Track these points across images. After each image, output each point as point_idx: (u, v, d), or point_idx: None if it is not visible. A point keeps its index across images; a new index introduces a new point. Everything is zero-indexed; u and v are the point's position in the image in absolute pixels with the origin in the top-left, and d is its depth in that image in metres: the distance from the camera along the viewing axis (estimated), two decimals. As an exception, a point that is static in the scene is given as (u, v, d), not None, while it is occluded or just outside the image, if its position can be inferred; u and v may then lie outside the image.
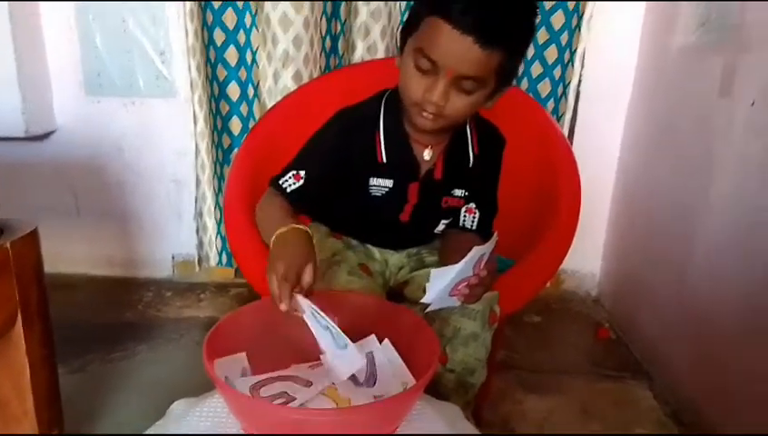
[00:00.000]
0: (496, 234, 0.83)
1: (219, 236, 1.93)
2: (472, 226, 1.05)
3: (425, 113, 0.89)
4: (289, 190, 0.97)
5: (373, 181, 0.99)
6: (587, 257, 1.97)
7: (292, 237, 0.83)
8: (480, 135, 1.03)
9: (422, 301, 0.84)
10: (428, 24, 0.83)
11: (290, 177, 0.97)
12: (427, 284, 0.82)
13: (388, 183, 0.99)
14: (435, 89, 0.85)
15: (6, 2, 1.68)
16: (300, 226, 0.84)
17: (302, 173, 0.97)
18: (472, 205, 1.05)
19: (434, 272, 0.81)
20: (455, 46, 0.81)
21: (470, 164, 1.02)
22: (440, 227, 1.06)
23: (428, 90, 0.86)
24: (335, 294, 0.91)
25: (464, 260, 0.79)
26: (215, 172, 1.86)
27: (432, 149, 0.99)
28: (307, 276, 0.77)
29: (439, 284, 0.81)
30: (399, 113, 0.97)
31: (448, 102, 0.86)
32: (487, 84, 0.87)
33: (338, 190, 1.01)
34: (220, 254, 1.95)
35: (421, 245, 1.13)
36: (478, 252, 0.80)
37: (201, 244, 1.94)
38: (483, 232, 1.05)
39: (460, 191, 1.03)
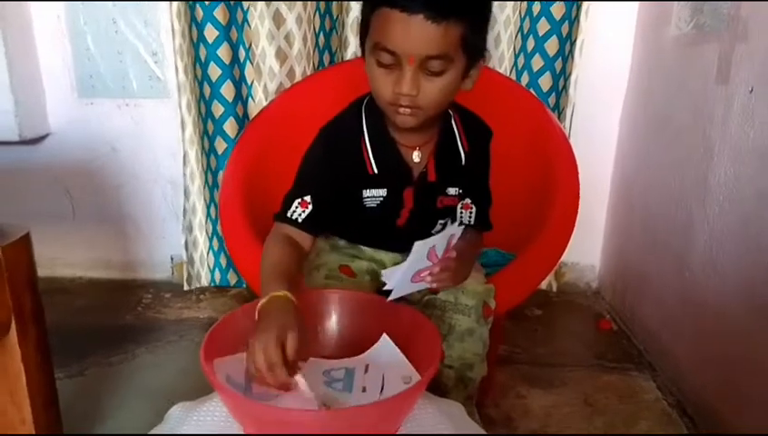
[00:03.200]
0: (456, 225, 0.83)
1: (211, 252, 1.89)
2: (470, 221, 1.04)
3: (401, 110, 0.86)
4: (300, 220, 0.93)
5: (366, 192, 0.96)
6: (587, 248, 1.96)
7: (273, 308, 0.77)
8: (467, 130, 1.01)
9: (384, 288, 0.84)
10: (377, 17, 0.82)
11: (296, 207, 0.93)
12: (382, 278, 0.82)
13: (382, 192, 0.97)
14: (403, 81, 0.82)
15: (-4, 6, 1.67)
16: (281, 293, 0.78)
17: (308, 198, 0.93)
18: (468, 201, 1.03)
19: (384, 273, 0.82)
20: (408, 29, 0.79)
21: (462, 162, 1.00)
22: (437, 227, 1.05)
23: (396, 84, 0.83)
24: (332, 293, 0.90)
25: (409, 257, 0.80)
26: (206, 181, 1.82)
27: (420, 150, 0.96)
28: (289, 347, 0.72)
29: (394, 280, 0.83)
30: (381, 118, 0.94)
31: (420, 91, 0.83)
32: (454, 62, 0.83)
33: (336, 204, 0.98)
34: (212, 272, 1.91)
35: None
36: (425, 245, 0.80)
37: (191, 261, 1.89)
38: (481, 225, 1.05)
39: (454, 189, 1.01)
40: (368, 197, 0.97)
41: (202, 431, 0.76)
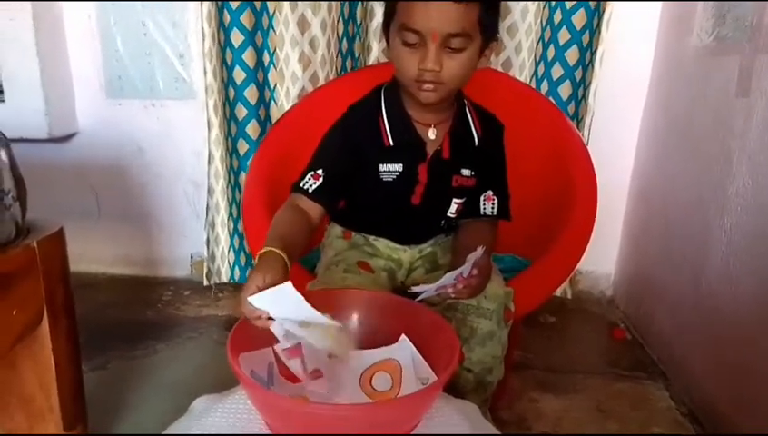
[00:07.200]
0: (480, 250, 0.87)
1: (231, 249, 1.91)
2: (493, 212, 1.08)
3: (425, 85, 0.93)
4: (311, 190, 0.99)
5: (383, 166, 1.02)
6: (603, 257, 1.96)
7: (261, 261, 0.81)
8: (480, 116, 1.08)
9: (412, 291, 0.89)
10: (403, 4, 0.91)
11: (309, 178, 1.00)
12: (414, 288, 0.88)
13: (398, 167, 1.02)
14: (427, 57, 0.90)
15: (30, 8, 1.72)
16: (277, 250, 0.82)
17: (320, 171, 1.00)
18: (490, 193, 1.08)
19: (414, 289, 0.88)
20: (431, 10, 0.88)
21: (476, 144, 1.06)
22: (452, 208, 1.08)
23: (421, 61, 0.91)
24: (353, 291, 0.92)
25: (438, 281, 0.86)
26: (229, 181, 1.85)
27: (436, 128, 1.02)
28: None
29: (421, 293, 0.88)
30: (399, 98, 1.02)
31: (443, 67, 0.91)
32: (473, 39, 0.92)
33: (352, 181, 1.04)
34: (232, 269, 1.93)
35: (433, 236, 1.14)
36: (454, 274, 0.86)
37: (212, 258, 1.92)
38: (503, 217, 1.10)
39: (468, 171, 1.06)
40: (384, 171, 1.02)
41: (225, 423, 0.78)
